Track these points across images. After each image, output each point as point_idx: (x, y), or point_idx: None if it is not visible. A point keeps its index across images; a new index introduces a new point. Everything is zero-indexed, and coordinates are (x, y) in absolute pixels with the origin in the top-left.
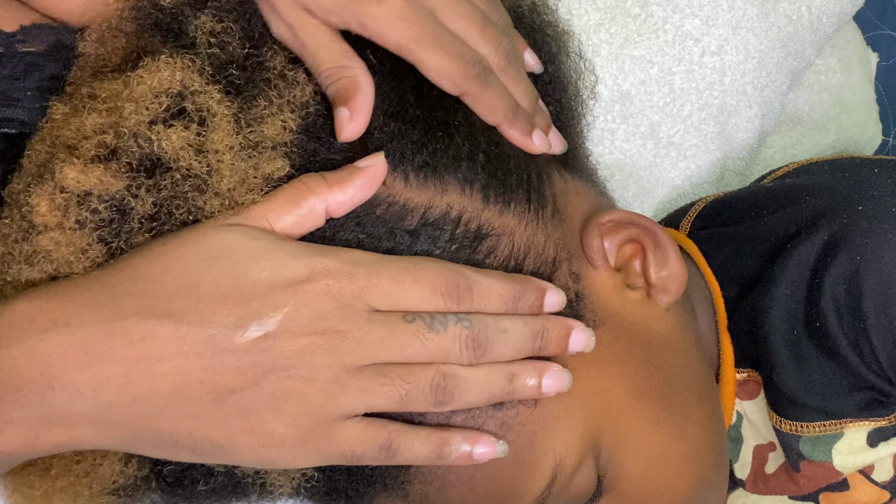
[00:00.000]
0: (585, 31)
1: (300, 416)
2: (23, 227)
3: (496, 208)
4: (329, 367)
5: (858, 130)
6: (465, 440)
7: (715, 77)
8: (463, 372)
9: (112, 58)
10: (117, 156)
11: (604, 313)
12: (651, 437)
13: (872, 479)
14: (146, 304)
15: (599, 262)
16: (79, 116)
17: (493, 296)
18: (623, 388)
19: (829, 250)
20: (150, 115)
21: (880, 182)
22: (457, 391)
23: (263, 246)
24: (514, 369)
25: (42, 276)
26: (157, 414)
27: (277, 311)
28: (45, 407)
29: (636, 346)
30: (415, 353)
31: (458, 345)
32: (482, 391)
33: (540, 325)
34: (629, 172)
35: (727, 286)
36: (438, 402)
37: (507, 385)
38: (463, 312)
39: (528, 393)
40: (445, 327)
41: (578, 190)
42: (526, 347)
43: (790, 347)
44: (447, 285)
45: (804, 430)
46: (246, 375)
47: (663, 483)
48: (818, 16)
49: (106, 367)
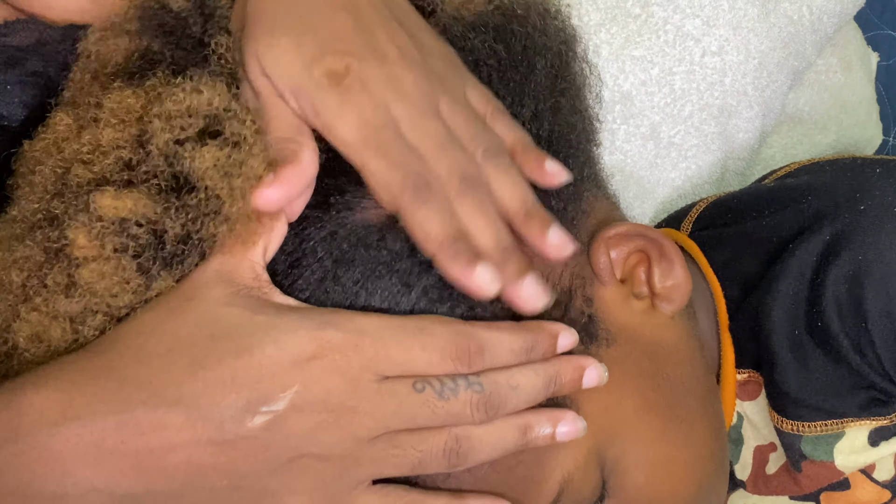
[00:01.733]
0: (586, 32)
1: (316, 492)
2: (50, 253)
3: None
4: (341, 443)
5: (859, 130)
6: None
7: (716, 77)
8: (476, 432)
9: (113, 57)
10: (142, 174)
11: (615, 329)
12: (656, 446)
13: (874, 478)
14: (154, 391)
15: (607, 277)
16: (90, 130)
17: (504, 353)
18: (632, 401)
19: (831, 250)
20: (184, 135)
21: (882, 182)
22: (470, 452)
23: (265, 322)
24: (527, 421)
25: (82, 309)
26: (173, 502)
27: (286, 391)
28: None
29: (645, 359)
30: (426, 421)
31: (470, 409)
32: (495, 448)
33: (553, 370)
34: (630, 173)
35: (728, 286)
36: (452, 465)
37: (521, 438)
38: (473, 374)
39: (542, 443)
40: (456, 394)
41: (592, 206)
42: (539, 397)
43: (792, 347)
44: (457, 350)
45: (806, 429)
46: (260, 459)
47: (666, 490)
48: (819, 16)
49: (118, 460)
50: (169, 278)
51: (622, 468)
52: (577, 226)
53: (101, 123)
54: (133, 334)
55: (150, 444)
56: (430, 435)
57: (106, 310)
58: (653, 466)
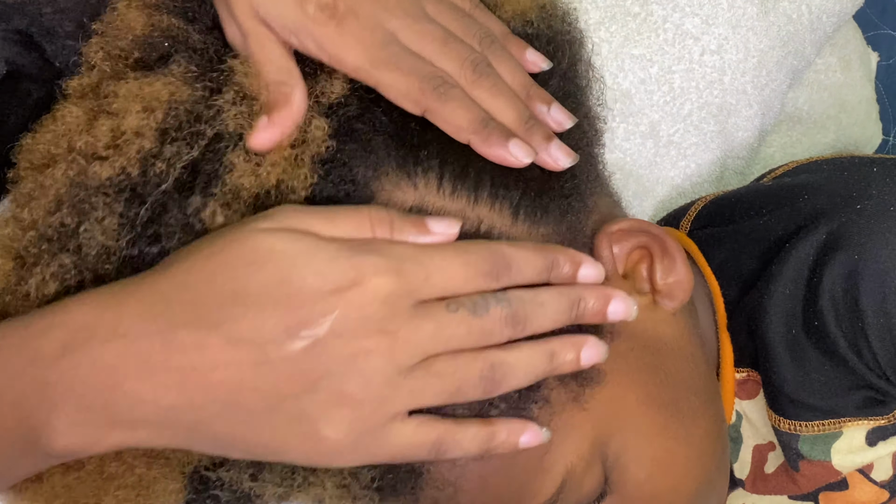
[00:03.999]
0: (585, 30)
1: (354, 422)
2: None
3: (524, 226)
4: (381, 370)
5: (858, 130)
6: (511, 433)
7: (715, 76)
8: (508, 358)
9: (131, 31)
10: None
11: (618, 324)
12: (657, 442)
13: (871, 478)
14: (198, 313)
15: (609, 271)
16: (105, 120)
17: (528, 269)
18: (634, 395)
19: (828, 249)
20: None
21: (879, 181)
22: (504, 378)
23: (306, 249)
24: (553, 347)
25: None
26: (214, 418)
27: (326, 316)
28: (109, 412)
29: (647, 354)
30: (461, 341)
31: (501, 324)
32: (526, 373)
33: (576, 294)
34: (629, 171)
35: (727, 285)
36: (487, 391)
37: (549, 363)
38: (501, 290)
39: (568, 368)
40: (487, 310)
41: (595, 203)
42: (563, 317)
43: (789, 346)
44: (489, 265)
45: (803, 429)
46: (298, 382)
47: (667, 486)
48: (818, 15)
49: (163, 375)
50: None
51: (623, 463)
52: (581, 222)
53: (122, 112)
54: (180, 260)
55: (193, 363)
56: (465, 361)
57: None
58: (654, 462)
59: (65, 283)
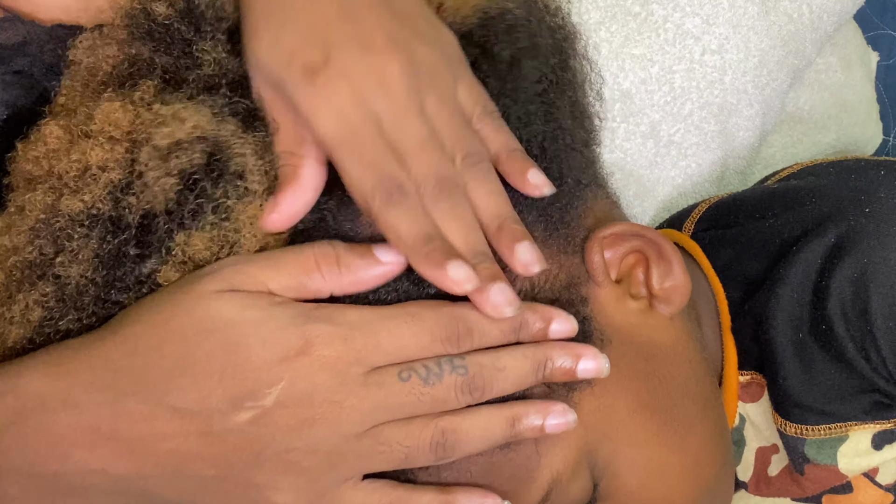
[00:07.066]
0: (586, 30)
1: (302, 489)
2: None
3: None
4: (327, 439)
5: (859, 129)
6: (471, 500)
7: (715, 76)
8: (462, 424)
9: (103, 65)
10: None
11: (610, 330)
12: (650, 450)
13: (877, 481)
14: (146, 383)
15: (601, 277)
16: (79, 146)
17: (493, 331)
18: (625, 402)
19: (836, 253)
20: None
21: (887, 184)
22: (458, 444)
23: (255, 317)
24: (515, 412)
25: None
26: (164, 486)
27: (272, 387)
28: (61, 481)
29: (640, 360)
30: (412, 409)
31: (455, 392)
32: (483, 440)
33: (543, 355)
34: (629, 171)
35: (731, 288)
36: (439, 457)
37: (509, 429)
38: (458, 356)
39: (531, 434)
40: (441, 378)
41: (591, 205)
42: (528, 380)
43: (795, 350)
44: (446, 331)
45: (809, 433)
46: (245, 452)
47: (660, 494)
48: (819, 14)
49: (113, 445)
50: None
51: (614, 470)
52: (575, 226)
53: (91, 142)
54: (131, 323)
55: (141, 433)
56: (416, 429)
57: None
58: (646, 470)
59: (49, 310)
